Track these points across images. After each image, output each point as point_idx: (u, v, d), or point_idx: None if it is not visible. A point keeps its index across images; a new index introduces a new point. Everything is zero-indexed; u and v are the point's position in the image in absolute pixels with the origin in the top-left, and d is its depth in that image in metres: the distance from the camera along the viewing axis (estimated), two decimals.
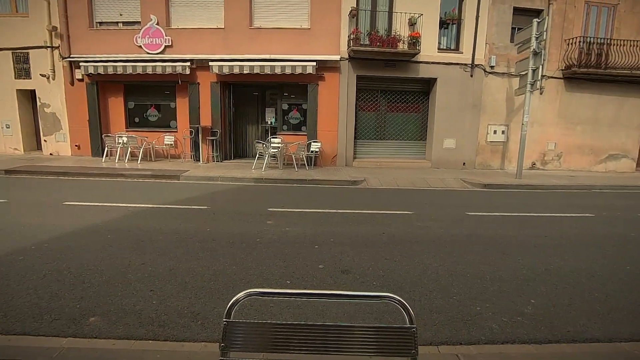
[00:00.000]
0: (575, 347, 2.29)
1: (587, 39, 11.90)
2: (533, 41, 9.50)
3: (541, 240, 4.63)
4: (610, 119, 12.76)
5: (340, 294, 1.26)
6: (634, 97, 12.79)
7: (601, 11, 12.17)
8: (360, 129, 11.97)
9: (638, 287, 3.31)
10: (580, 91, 12.38)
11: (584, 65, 11.74)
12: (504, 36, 11.66)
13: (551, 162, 12.75)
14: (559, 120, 12.45)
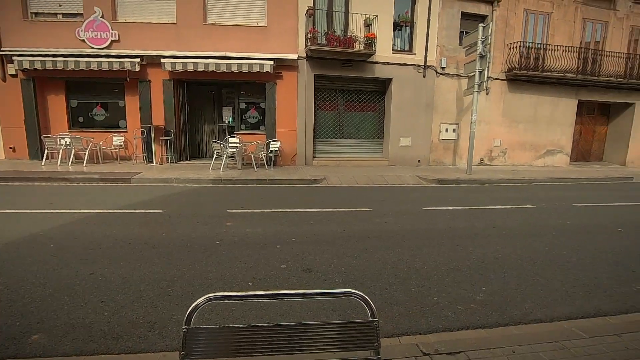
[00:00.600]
0: (522, 329, 2.48)
1: (527, 43, 12.88)
2: (479, 45, 10.10)
3: (490, 231, 4.94)
4: (547, 118, 13.91)
5: (303, 292, 1.27)
6: (566, 97, 14.06)
7: (538, 18, 13.22)
8: (320, 128, 12.05)
9: (573, 270, 3.65)
10: (521, 92, 13.38)
11: (524, 68, 12.70)
12: (453, 39, 12.28)
13: (497, 158, 13.66)
14: (503, 119, 13.37)
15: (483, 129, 12.99)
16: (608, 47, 14.17)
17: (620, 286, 3.32)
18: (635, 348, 2.18)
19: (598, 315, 2.74)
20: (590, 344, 2.21)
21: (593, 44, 14.06)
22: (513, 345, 2.18)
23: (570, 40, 13.51)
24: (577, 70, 13.39)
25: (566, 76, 13.16)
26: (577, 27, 13.66)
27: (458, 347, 2.14)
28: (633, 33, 14.72)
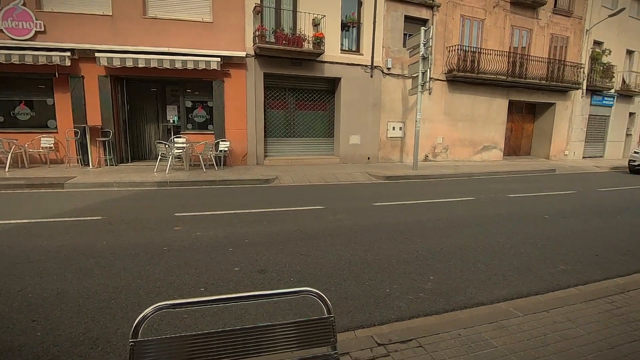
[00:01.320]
0: (466, 313, 2.66)
1: (464, 47, 13.80)
2: (421, 47, 10.63)
3: (436, 224, 5.24)
4: (483, 116, 15.04)
5: (257, 294, 1.24)
6: (499, 97, 15.30)
7: (473, 24, 14.21)
8: (270, 127, 11.93)
9: (508, 256, 3.99)
10: (460, 92, 14.32)
11: (462, 70, 13.60)
12: (398, 41, 12.80)
13: (440, 154, 14.50)
14: (444, 117, 14.22)
15: (427, 127, 13.71)
16: (533, 52, 15.66)
17: (547, 267, 3.69)
18: (561, 322, 2.45)
19: (530, 294, 3.03)
20: (524, 321, 2.44)
21: (520, 49, 15.45)
22: (459, 328, 2.34)
23: (501, 45, 14.73)
24: (508, 73, 14.64)
25: (498, 78, 14.33)
26: (507, 33, 14.93)
27: (410, 335, 2.25)
28: (553, 40, 16.41)
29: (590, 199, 7.78)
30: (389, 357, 2.04)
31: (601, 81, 18.02)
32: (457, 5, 13.58)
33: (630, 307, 2.69)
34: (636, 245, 4.50)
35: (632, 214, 6.30)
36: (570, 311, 2.61)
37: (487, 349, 2.12)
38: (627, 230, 5.21)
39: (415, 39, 10.99)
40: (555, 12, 16.10)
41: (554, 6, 16.03)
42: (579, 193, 8.43)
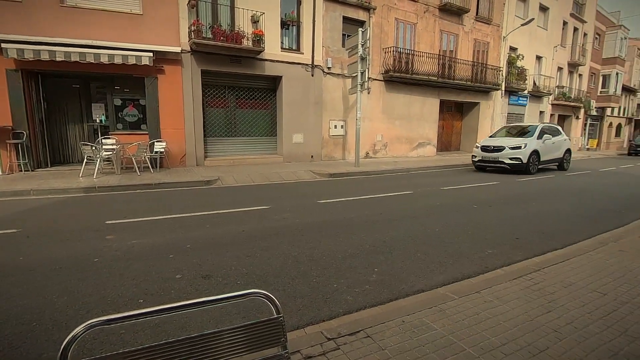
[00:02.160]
0: (409, 300, 2.82)
1: (398, 49, 14.51)
2: (359, 48, 10.96)
3: (378, 218, 5.46)
4: (418, 115, 15.97)
5: (201, 301, 1.19)
6: (431, 97, 16.35)
7: (406, 27, 14.99)
8: (210, 126, 11.51)
9: (443, 244, 4.30)
10: (396, 92, 15.04)
11: (397, 70, 14.30)
12: (337, 41, 13.07)
13: (380, 151, 15.12)
14: (383, 116, 14.84)
15: (367, 125, 14.21)
16: (459, 56, 16.97)
17: (477, 252, 4.04)
18: (490, 300, 2.70)
19: (464, 278, 3.30)
20: (460, 303, 2.65)
21: (448, 52, 16.66)
22: (403, 316, 2.46)
23: (431, 48, 15.74)
24: (438, 74, 15.71)
25: (430, 79, 15.32)
26: (436, 37, 15.99)
27: (358, 327, 2.32)
28: (476, 45, 17.92)
29: (511, 188, 8.67)
30: (339, 350, 2.09)
31: (516, 83, 20.14)
32: (391, 9, 14.24)
33: (546, 282, 3.06)
34: (548, 227, 5.11)
35: (543, 201, 7.14)
36: (497, 290, 2.88)
37: (429, 332, 2.27)
38: (541, 215, 5.90)
39: (354, 40, 11.31)
40: (478, 19, 17.62)
41: (476, 14, 17.54)
42: (501, 183, 9.35)
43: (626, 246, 4.09)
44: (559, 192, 8.23)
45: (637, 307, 2.65)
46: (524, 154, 11.13)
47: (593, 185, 9.46)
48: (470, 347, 2.11)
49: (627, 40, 32.09)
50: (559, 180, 10.43)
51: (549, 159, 12.26)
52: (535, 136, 11.64)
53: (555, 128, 13.27)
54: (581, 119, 28.40)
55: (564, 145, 13.03)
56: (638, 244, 4.17)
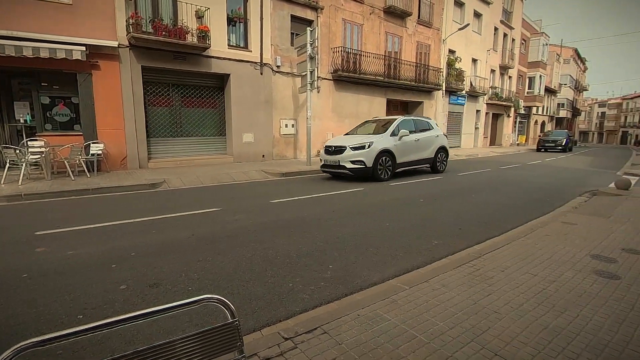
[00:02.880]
0: (363, 294, 2.89)
1: (346, 49, 14.79)
2: (308, 47, 11.01)
3: (331, 215, 5.54)
4: (366, 113, 16.41)
5: (149, 311, 1.11)
6: (378, 96, 16.88)
7: (353, 28, 15.31)
8: (154, 126, 10.89)
9: (394, 237, 4.47)
10: (345, 91, 15.33)
11: (346, 70, 14.58)
12: (285, 39, 13.01)
13: None
14: (333, 115, 15.06)
15: (317, 124, 14.33)
16: (403, 57, 17.71)
17: (425, 244, 4.26)
18: (438, 288, 2.86)
19: (413, 269, 3.46)
20: (411, 293, 2.78)
21: (393, 53, 17.32)
22: (358, 309, 2.52)
23: (377, 49, 16.26)
24: (384, 74, 16.27)
25: (377, 79, 15.82)
26: (382, 38, 16.54)
27: (314, 324, 2.34)
28: (418, 47, 18.81)
29: (453, 182, 9.25)
30: (297, 349, 2.09)
31: (455, 84, 21.51)
32: (338, 10, 14.47)
33: (486, 267, 3.31)
34: (486, 218, 5.54)
35: (480, 193, 7.72)
36: (444, 278, 3.06)
37: (382, 323, 2.35)
38: (479, 206, 6.37)
39: (302, 39, 11.33)
40: (419, 23, 18.52)
41: (418, 18, 18.42)
42: (444, 178, 9.93)
43: (551, 231, 4.56)
44: (497, 185, 8.94)
45: (562, 284, 2.96)
46: (367, 156, 8.73)
47: (523, 177, 10.41)
48: (421, 334, 2.22)
49: (548, 47, 35.70)
50: (493, 174, 11.33)
51: (412, 160, 10.01)
52: (389, 133, 9.41)
53: (424, 122, 10.85)
54: (512, 117, 31.08)
55: (435, 142, 10.66)
56: (561, 229, 4.66)
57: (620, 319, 2.43)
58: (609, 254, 3.72)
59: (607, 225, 4.86)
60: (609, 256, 3.65)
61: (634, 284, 2.99)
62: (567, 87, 44.56)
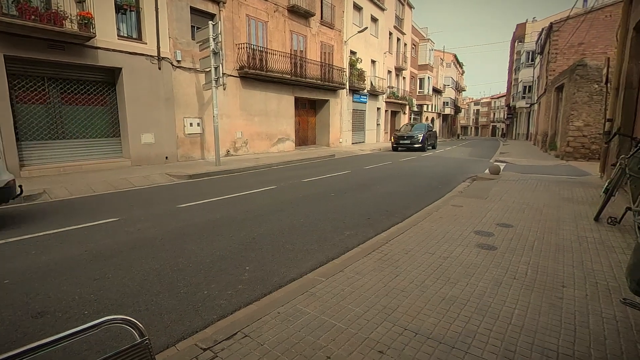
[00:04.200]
0: (282, 291, 2.90)
1: (252, 46, 14.53)
2: (211, 42, 10.52)
3: (244, 216, 5.42)
4: (275, 111, 16.42)
5: (32, 347, 0.90)
6: (286, 94, 17.01)
7: (258, 25, 15.11)
8: (25, 127, 9.23)
9: (308, 232, 4.58)
10: (253, 88, 15.08)
11: (252, 67, 14.34)
12: (185, 32, 12.21)
13: (241, 148, 14.96)
14: (241, 113, 14.69)
15: (225, 122, 13.83)
16: (309, 56, 18.13)
17: (338, 235, 4.46)
18: (352, 276, 3.03)
19: (329, 261, 3.59)
20: (327, 284, 2.88)
21: (299, 52, 17.61)
22: (277, 307, 2.53)
23: (283, 47, 16.34)
24: (291, 73, 16.46)
25: (284, 77, 15.91)
26: (287, 36, 16.67)
27: (234, 329, 2.27)
28: (322, 47, 19.45)
29: (360, 176, 9.86)
30: (217, 358, 2.00)
31: (358, 83, 22.85)
32: (242, 5, 14.11)
33: (392, 252, 3.62)
34: (390, 206, 6.04)
35: (384, 184, 8.39)
36: (357, 266, 3.26)
37: (303, 317, 2.39)
38: (384, 196, 6.92)
39: (204, 33, 10.78)
40: (322, 23, 19.15)
41: (321, 18, 19.03)
42: (352, 172, 10.53)
43: (444, 214, 5.20)
44: (398, 176, 9.81)
45: (454, 259, 3.40)
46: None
47: (418, 168, 11.62)
48: (339, 322, 2.33)
49: (433, 52, 40.33)
50: (394, 166, 12.41)
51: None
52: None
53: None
54: (407, 114, 34.37)
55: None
56: (451, 211, 5.34)
57: (498, 282, 2.90)
58: (487, 229, 4.40)
59: (485, 205, 5.73)
60: (488, 231, 4.32)
61: (507, 252, 3.59)
62: (449, 88, 51.01)
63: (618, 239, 4.00)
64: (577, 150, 13.88)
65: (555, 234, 4.21)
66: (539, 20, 36.02)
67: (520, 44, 38.41)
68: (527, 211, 5.31)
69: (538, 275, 3.04)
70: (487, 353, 2.00)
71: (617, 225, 4.48)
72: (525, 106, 35.18)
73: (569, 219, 4.88)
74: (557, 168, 11.33)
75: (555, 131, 17.43)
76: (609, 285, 2.85)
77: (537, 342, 2.10)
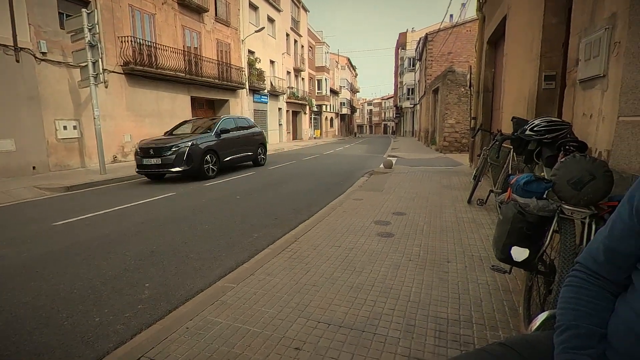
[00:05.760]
0: (189, 304, 2.70)
1: (138, 39, 13.18)
2: (86, 32, 9.23)
3: (140, 227, 4.90)
4: (170, 112, 15.24)
5: None
6: (181, 93, 15.93)
7: (144, 17, 13.77)
8: None
9: (215, 238, 4.37)
10: (142, 87, 13.71)
11: (140, 63, 13.02)
12: (52, 20, 10.46)
13: (131, 153, 13.46)
14: (129, 114, 13.24)
15: (110, 124, 12.31)
16: (204, 54, 17.27)
17: (246, 238, 4.37)
18: (263, 278, 2.99)
19: (239, 265, 3.49)
20: (239, 290, 2.80)
21: (193, 49, 16.64)
22: (185, 322, 2.35)
23: (175, 43, 15.23)
24: (186, 71, 15.46)
25: (178, 75, 14.85)
26: (179, 32, 15.59)
27: (136, 355, 2.03)
28: (219, 45, 18.74)
29: (265, 176, 9.80)
30: None
31: (258, 83, 22.66)
32: None
33: (302, 249, 3.69)
34: (297, 204, 6.15)
35: (289, 183, 8.51)
36: (268, 267, 3.23)
37: (215, 327, 2.27)
38: (290, 195, 7.01)
39: (77, 22, 9.38)
40: (217, 20, 18.43)
41: (215, 15, 18.29)
42: (256, 173, 10.40)
43: (347, 207, 5.51)
44: (302, 174, 10.03)
45: (358, 249, 3.64)
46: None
47: (321, 166, 12.09)
48: (254, 326, 2.28)
49: (329, 54, 42.35)
50: (298, 165, 12.68)
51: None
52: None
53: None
54: (308, 114, 35.42)
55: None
56: (353, 205, 5.70)
57: (397, 265, 3.20)
58: (385, 218, 4.82)
59: (382, 197, 6.27)
60: (385, 220, 4.73)
61: (402, 237, 3.99)
62: (345, 89, 54.25)
63: (485, 217, 4.79)
64: (452, 144, 16.18)
65: (439, 217, 4.84)
66: (417, 31, 40.76)
67: (403, 50, 42.94)
68: (417, 200, 5.98)
69: (428, 255, 3.46)
70: (392, 331, 2.19)
71: (484, 205, 5.36)
72: (410, 106, 39.53)
73: (449, 203, 5.66)
74: (437, 160, 13.02)
75: (435, 128, 20.00)
76: (481, 256, 3.40)
77: (431, 314, 2.39)
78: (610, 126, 2.45)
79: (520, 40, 5.20)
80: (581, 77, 2.95)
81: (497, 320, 2.30)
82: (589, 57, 2.77)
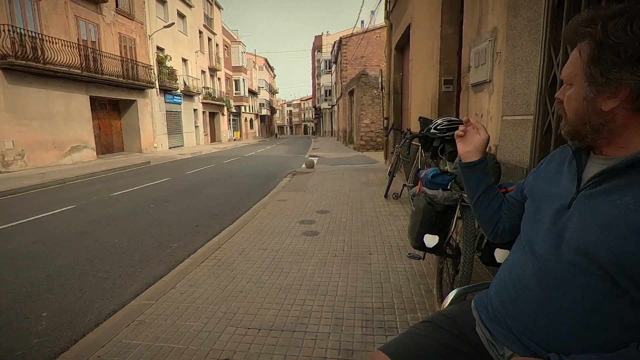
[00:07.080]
0: (99, 330, 2.41)
1: (18, 29, 11.30)
2: None
3: (31, 249, 4.22)
4: (64, 114, 13.40)
5: None
6: (78, 93, 14.12)
7: (25, 3, 11.85)
8: None
9: (127, 253, 3.97)
10: (27, 85, 11.80)
11: (22, 57, 11.19)
12: None
13: (15, 163, 11.55)
14: (9, 116, 11.30)
15: None
16: (104, 49, 15.53)
17: (164, 250, 4.05)
18: (186, 290, 2.81)
19: (157, 280, 3.21)
20: (158, 306, 2.58)
21: (91, 43, 14.84)
22: (96, 350, 2.09)
23: (67, 35, 13.41)
24: (82, 67, 13.72)
25: (72, 71, 13.11)
26: (71, 23, 13.76)
27: None
28: (122, 39, 17.02)
29: (182, 181, 9.21)
30: None
31: (169, 82, 21.17)
32: None
33: (227, 255, 3.56)
34: (218, 209, 5.91)
35: (209, 188, 8.14)
36: (191, 278, 3.05)
37: (132, 351, 2.06)
38: (210, 200, 6.71)
39: None
40: (119, 12, 16.72)
41: (116, 6, 16.57)
42: (173, 179, 9.72)
43: (271, 209, 5.47)
44: (222, 178, 9.65)
45: (285, 250, 3.64)
46: None
47: (243, 168, 11.81)
48: (178, 343, 2.13)
49: (246, 54, 41.46)
50: (218, 168, 12.20)
51: None
52: None
53: None
54: (226, 115, 34.25)
55: None
56: (277, 206, 5.68)
57: (323, 262, 3.28)
58: (309, 217, 4.90)
59: (305, 196, 6.36)
60: (310, 219, 4.81)
61: (327, 235, 4.10)
62: (264, 90, 53.75)
63: (401, 210, 5.19)
64: (368, 143, 17.16)
65: (360, 212, 5.09)
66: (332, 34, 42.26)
67: (319, 53, 44.13)
68: (338, 197, 6.20)
69: (352, 249, 3.62)
70: (322, 327, 2.24)
71: (399, 199, 5.79)
72: (328, 107, 40.82)
73: (368, 199, 5.99)
74: (355, 158, 13.69)
75: (352, 128, 20.98)
76: (399, 246, 3.66)
77: (357, 305, 2.50)
78: (496, 124, 2.85)
79: (422, 47, 5.74)
80: (472, 81, 3.38)
81: (416, 303, 2.51)
82: (478, 64, 3.18)
